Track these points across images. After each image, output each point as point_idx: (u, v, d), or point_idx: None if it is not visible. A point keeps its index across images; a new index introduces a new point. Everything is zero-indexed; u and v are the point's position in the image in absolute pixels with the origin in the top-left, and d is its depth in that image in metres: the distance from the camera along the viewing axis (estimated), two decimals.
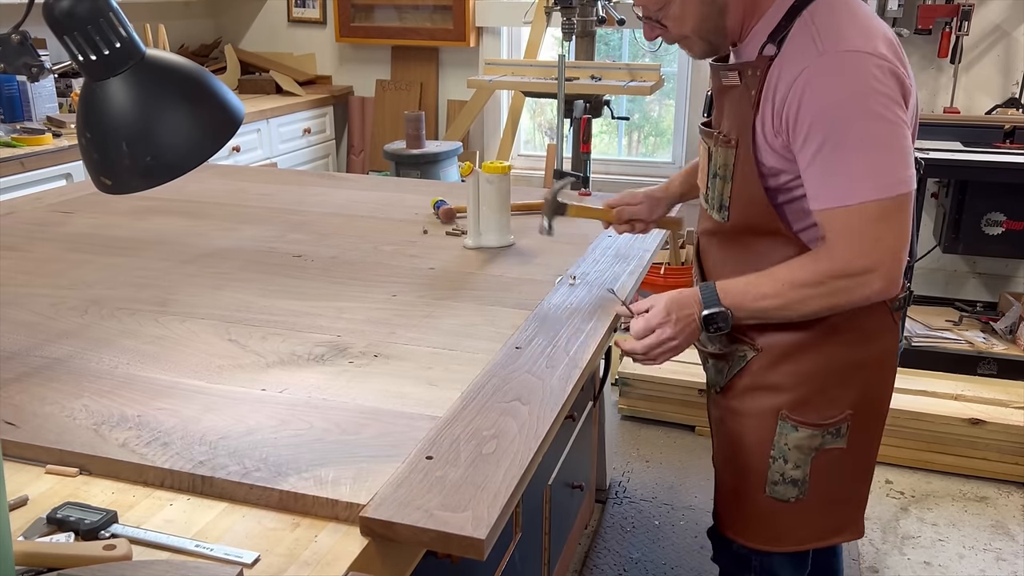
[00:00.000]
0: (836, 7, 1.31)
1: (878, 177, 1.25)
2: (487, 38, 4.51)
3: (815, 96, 1.25)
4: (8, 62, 1.08)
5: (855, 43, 1.26)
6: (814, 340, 1.43)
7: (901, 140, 1.26)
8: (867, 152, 1.24)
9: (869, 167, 1.25)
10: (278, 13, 4.87)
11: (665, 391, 3.13)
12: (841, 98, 1.24)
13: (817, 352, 1.44)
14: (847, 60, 1.24)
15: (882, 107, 1.24)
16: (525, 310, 1.51)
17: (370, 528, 0.93)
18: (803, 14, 1.31)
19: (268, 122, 4.20)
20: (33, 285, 1.64)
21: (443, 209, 2.08)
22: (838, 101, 1.24)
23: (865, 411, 1.48)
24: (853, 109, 1.24)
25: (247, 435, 1.09)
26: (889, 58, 1.26)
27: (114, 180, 1.05)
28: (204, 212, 2.16)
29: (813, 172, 1.29)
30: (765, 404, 1.49)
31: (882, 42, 1.28)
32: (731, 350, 1.51)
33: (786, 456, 1.48)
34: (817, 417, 1.46)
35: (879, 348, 1.46)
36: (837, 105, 1.24)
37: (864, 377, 1.46)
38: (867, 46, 1.25)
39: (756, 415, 1.50)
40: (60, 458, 1.05)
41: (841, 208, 1.27)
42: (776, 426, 1.48)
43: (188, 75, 1.07)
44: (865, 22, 1.30)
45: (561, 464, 1.92)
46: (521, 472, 1.02)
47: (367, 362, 1.32)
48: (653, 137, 4.68)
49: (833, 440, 1.47)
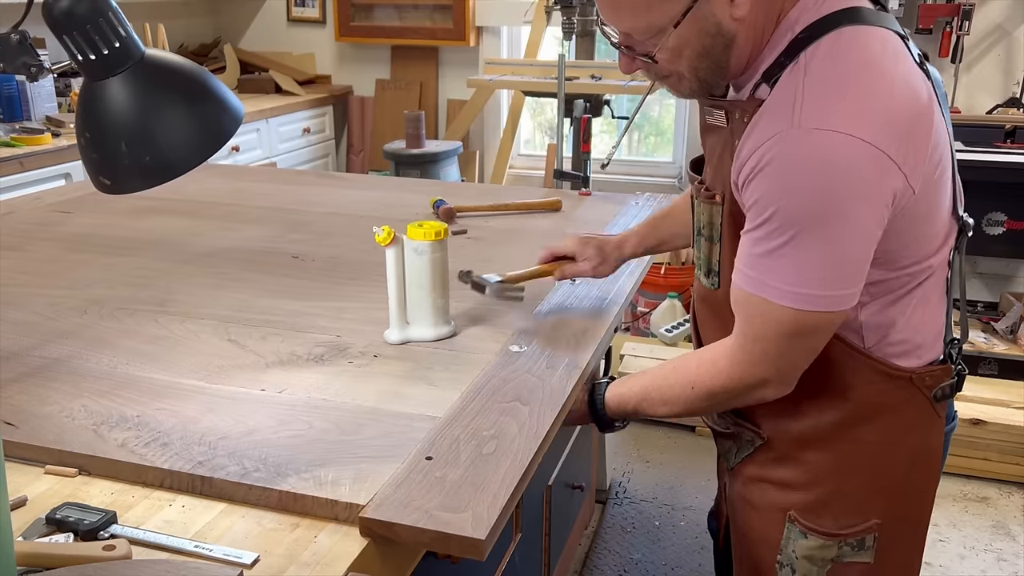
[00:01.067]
0: (844, 55, 1.03)
1: (808, 286, 1.03)
2: (487, 37, 4.51)
3: (772, 174, 1.02)
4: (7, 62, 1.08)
5: (836, 119, 0.99)
6: (832, 432, 1.19)
7: (855, 249, 1.03)
8: (807, 255, 1.02)
9: (803, 273, 1.03)
10: (277, 12, 4.87)
11: None
12: (798, 186, 1.00)
13: (836, 446, 1.20)
14: (819, 142, 0.98)
15: (847, 205, 1.00)
16: (525, 310, 1.51)
17: (370, 528, 0.92)
18: (801, 56, 1.04)
19: (268, 122, 4.20)
20: (32, 285, 1.64)
21: (443, 209, 2.08)
22: (794, 188, 1.00)
23: (898, 521, 1.22)
24: (808, 205, 1.00)
25: (246, 435, 1.09)
26: (881, 144, 0.98)
27: (113, 180, 1.05)
28: (203, 212, 2.16)
29: (746, 243, 1.08)
30: (773, 500, 1.26)
31: (883, 119, 0.99)
32: (736, 431, 1.30)
33: (794, 565, 1.24)
34: (833, 524, 1.21)
35: (916, 445, 1.20)
36: (791, 192, 1.01)
37: (896, 480, 1.20)
38: (853, 125, 0.98)
39: (764, 510, 1.28)
40: (59, 458, 1.05)
41: (758, 298, 1.07)
42: (784, 528, 1.25)
43: (187, 75, 1.07)
44: (873, 85, 1.01)
45: (561, 464, 1.92)
46: (521, 472, 1.02)
47: (367, 362, 1.31)
48: (653, 137, 4.68)
49: (855, 553, 1.21)
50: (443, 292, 1.40)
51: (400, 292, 1.39)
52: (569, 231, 1.99)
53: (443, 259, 1.39)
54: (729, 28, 1.07)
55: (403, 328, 1.40)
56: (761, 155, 1.02)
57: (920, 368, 1.17)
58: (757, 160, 1.03)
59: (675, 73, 1.13)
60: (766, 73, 1.08)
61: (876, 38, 1.05)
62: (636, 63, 1.14)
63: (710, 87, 1.15)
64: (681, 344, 3.25)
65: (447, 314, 1.42)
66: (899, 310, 1.14)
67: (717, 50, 1.09)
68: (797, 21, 1.07)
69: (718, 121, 1.17)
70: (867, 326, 1.14)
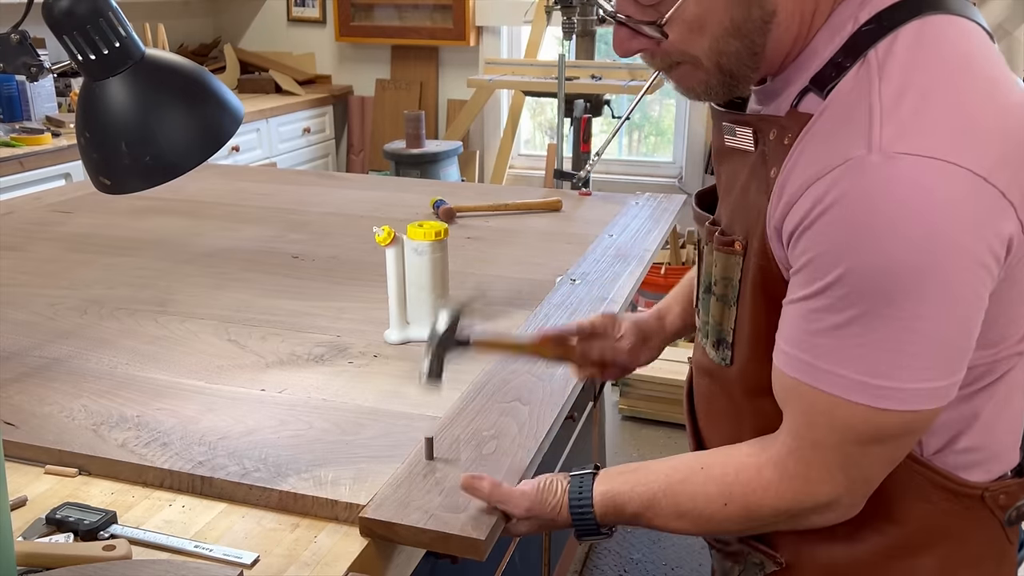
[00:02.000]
0: (935, 51, 0.77)
1: (891, 377, 0.75)
2: (487, 37, 4.51)
3: (841, 219, 0.74)
4: (7, 62, 1.08)
5: (935, 141, 0.72)
6: (875, 563, 0.90)
7: (959, 324, 0.75)
8: (892, 334, 0.74)
9: (884, 358, 0.75)
10: (277, 12, 4.87)
11: (666, 391, 3.12)
12: (880, 237, 0.72)
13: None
14: (912, 173, 0.71)
15: (950, 262, 0.72)
16: (525, 310, 1.51)
17: (370, 529, 0.92)
18: (871, 54, 0.78)
19: (268, 122, 4.20)
20: (32, 285, 1.64)
21: (443, 208, 2.08)
22: (874, 240, 0.72)
23: None
24: (894, 263, 0.72)
25: (246, 435, 1.09)
26: (998, 178, 0.72)
27: (113, 180, 1.05)
28: (203, 212, 2.16)
29: (797, 315, 0.80)
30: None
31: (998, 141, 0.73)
32: (740, 549, 1.00)
33: None
34: None
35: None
36: (869, 245, 0.72)
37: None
38: (958, 149, 0.72)
39: None
40: (59, 458, 1.05)
41: (817, 392, 0.79)
42: None
43: (187, 75, 1.07)
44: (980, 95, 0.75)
45: (561, 465, 1.92)
46: (521, 472, 1.02)
47: (367, 362, 1.31)
48: (653, 137, 4.68)
49: None
50: (443, 292, 1.40)
51: (400, 292, 1.38)
52: (569, 231, 1.99)
53: (443, 259, 1.38)
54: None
55: (403, 328, 1.39)
56: (822, 192, 0.75)
57: (993, 483, 0.89)
58: (816, 199, 0.75)
59: (690, 58, 0.84)
60: (817, 77, 0.81)
61: (969, 33, 0.79)
62: (637, 41, 0.84)
63: (735, 83, 0.85)
64: (682, 344, 3.25)
65: None
66: (975, 407, 0.86)
67: (753, 27, 0.80)
68: (863, 6, 0.80)
69: (742, 143, 0.88)
70: (930, 430, 0.86)
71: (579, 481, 0.96)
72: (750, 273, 0.88)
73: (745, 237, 0.88)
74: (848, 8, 0.81)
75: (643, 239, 1.92)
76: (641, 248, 1.88)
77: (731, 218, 0.92)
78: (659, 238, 1.96)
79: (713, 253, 0.93)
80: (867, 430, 0.78)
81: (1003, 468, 0.90)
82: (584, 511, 0.94)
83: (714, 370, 0.98)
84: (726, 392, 0.97)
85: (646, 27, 0.82)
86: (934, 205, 0.71)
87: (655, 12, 0.81)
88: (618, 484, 0.94)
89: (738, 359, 0.93)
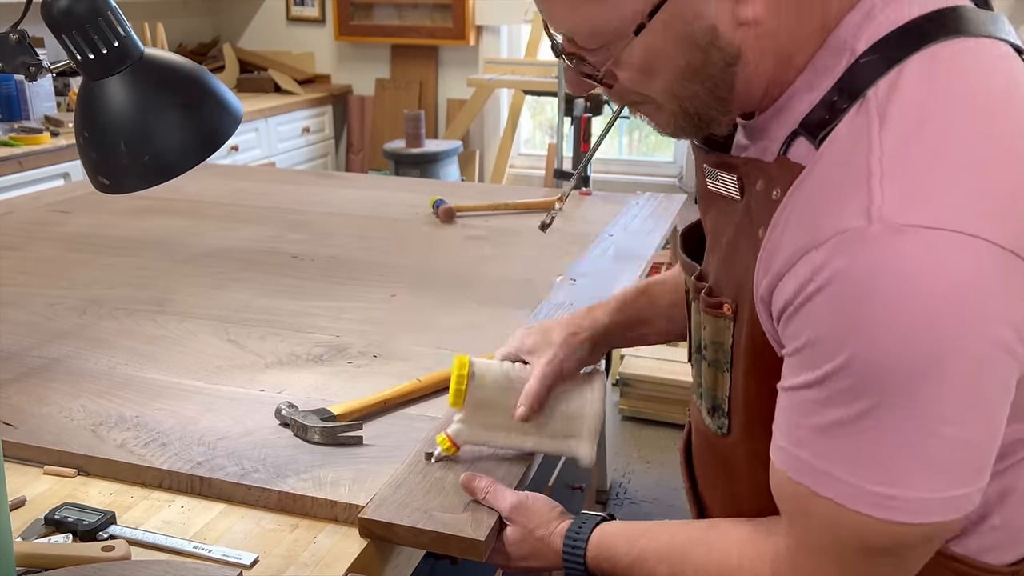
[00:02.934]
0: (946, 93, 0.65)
1: (903, 486, 0.65)
2: (487, 36, 4.51)
3: (838, 302, 0.63)
4: (6, 61, 1.07)
5: (945, 209, 0.61)
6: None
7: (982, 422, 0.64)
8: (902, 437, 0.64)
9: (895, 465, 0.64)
10: (277, 11, 4.87)
11: (666, 392, 3.12)
12: (886, 325, 0.61)
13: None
14: (920, 250, 0.60)
15: (969, 351, 0.61)
16: (525, 310, 1.51)
17: (369, 529, 0.92)
18: (870, 94, 0.66)
19: (267, 121, 4.19)
20: (31, 285, 1.63)
21: (443, 208, 2.08)
22: (879, 328, 0.62)
23: None
24: (904, 354, 0.61)
25: (246, 436, 1.09)
26: (1017, 246, 0.61)
27: (112, 179, 1.05)
28: (203, 212, 2.16)
29: (792, 405, 0.70)
30: None
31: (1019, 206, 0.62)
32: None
33: None
34: None
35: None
36: (873, 334, 0.62)
37: None
38: (973, 218, 0.61)
39: None
40: (58, 459, 1.05)
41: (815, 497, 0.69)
42: None
43: (187, 74, 1.07)
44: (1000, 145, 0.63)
45: (561, 465, 1.92)
46: (521, 473, 1.02)
47: (367, 362, 1.31)
48: (654, 136, 4.68)
49: None
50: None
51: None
52: (570, 230, 1.99)
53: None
54: (731, 39, 0.69)
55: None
56: (814, 268, 0.64)
57: (1016, 563, 0.78)
58: (807, 276, 0.64)
59: (649, 99, 0.76)
60: (807, 120, 0.70)
61: (992, 60, 0.67)
62: (588, 82, 0.76)
63: (705, 124, 0.76)
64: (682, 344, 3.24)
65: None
66: (1007, 484, 0.75)
67: (714, 70, 0.71)
68: (857, 33, 0.68)
69: (726, 189, 0.78)
70: None
71: (583, 520, 0.92)
72: (742, 340, 0.78)
73: (734, 300, 0.78)
74: (842, 34, 0.69)
75: (643, 239, 1.92)
76: (641, 248, 1.87)
77: (718, 276, 0.82)
78: (659, 238, 1.96)
79: (700, 313, 0.84)
80: (878, 542, 0.67)
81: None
82: (577, 548, 0.90)
83: (712, 438, 0.89)
84: (725, 460, 0.88)
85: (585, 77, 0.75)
86: (951, 286, 0.60)
87: (605, 53, 0.72)
88: (618, 534, 0.89)
89: (737, 429, 0.84)
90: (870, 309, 0.61)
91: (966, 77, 0.65)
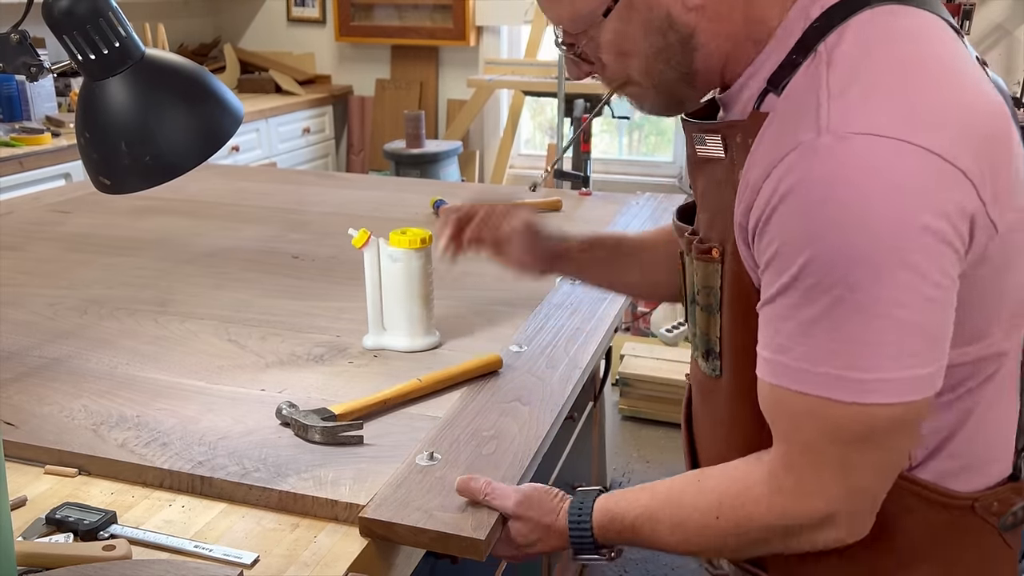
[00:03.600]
0: (883, 40, 0.76)
1: (872, 368, 0.73)
2: (487, 37, 4.51)
3: (797, 206, 0.73)
4: (7, 61, 1.08)
5: (885, 119, 0.71)
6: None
7: (934, 304, 0.73)
8: (865, 321, 0.72)
9: (861, 348, 0.73)
10: (277, 12, 4.87)
11: (666, 391, 3.12)
12: (839, 221, 0.71)
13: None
14: (864, 152, 0.70)
15: (915, 240, 0.70)
16: (525, 310, 1.51)
17: (369, 529, 0.92)
18: (820, 46, 0.77)
19: (267, 121, 4.19)
20: (32, 285, 1.64)
21: (443, 208, 2.07)
22: (833, 224, 0.71)
23: None
24: (857, 246, 0.70)
25: (246, 435, 1.09)
26: (956, 157, 0.71)
27: (113, 180, 1.05)
28: (203, 212, 2.16)
29: (771, 316, 0.78)
30: None
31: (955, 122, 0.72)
32: (730, 572, 1.00)
33: None
34: None
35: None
36: (828, 230, 0.71)
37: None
38: (910, 126, 0.71)
39: None
40: (59, 458, 1.05)
41: (798, 395, 0.76)
42: None
43: (187, 74, 1.07)
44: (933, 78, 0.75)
45: (561, 465, 1.92)
46: (521, 473, 1.02)
47: (367, 362, 1.31)
48: (653, 136, 4.68)
49: None
50: (422, 303, 1.33)
51: (376, 297, 1.35)
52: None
53: (422, 268, 1.32)
54: (684, 21, 0.82)
55: (379, 335, 1.36)
56: (776, 180, 0.74)
57: (984, 491, 0.86)
58: (771, 190, 0.74)
59: (632, 80, 0.88)
60: (773, 77, 0.81)
61: (926, 22, 0.79)
62: (583, 67, 0.90)
63: (678, 102, 0.90)
64: (682, 344, 3.25)
65: (428, 324, 1.35)
66: (961, 412, 0.83)
67: (674, 51, 0.83)
68: (811, 6, 0.80)
69: (713, 151, 0.87)
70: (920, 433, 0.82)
71: (582, 496, 0.95)
72: (729, 279, 0.87)
73: (721, 244, 0.87)
74: (799, 11, 0.81)
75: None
76: None
77: (708, 226, 0.90)
78: None
79: (693, 263, 0.92)
80: (856, 428, 0.75)
81: (995, 474, 0.87)
82: (582, 522, 0.93)
83: (706, 382, 0.96)
84: (718, 403, 0.95)
85: (571, 57, 0.89)
86: (889, 185, 0.70)
87: (587, 38, 0.86)
88: (619, 498, 0.93)
89: (727, 369, 0.91)
90: (822, 212, 0.71)
91: (897, 30, 0.77)
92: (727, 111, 0.89)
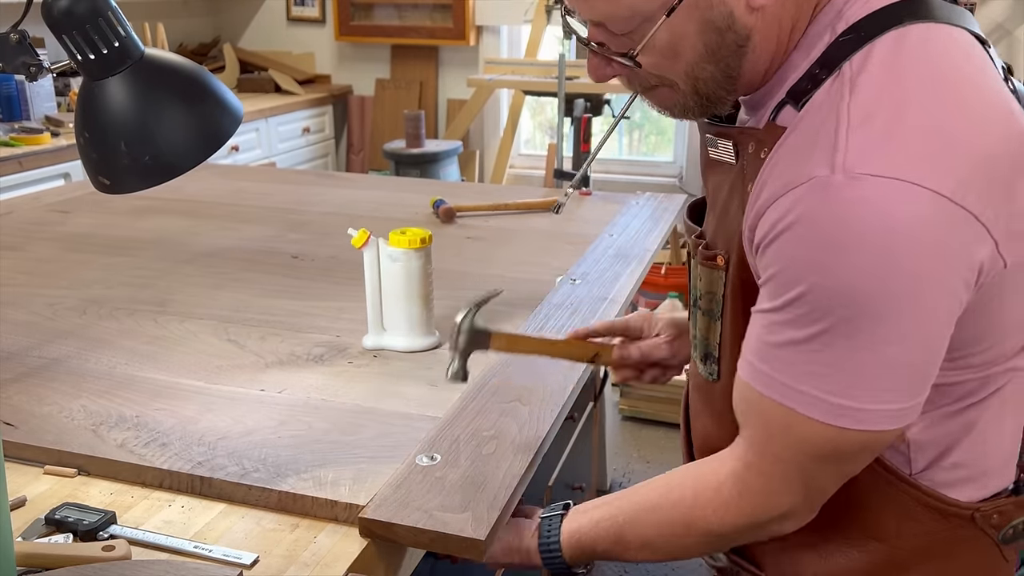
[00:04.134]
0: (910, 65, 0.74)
1: (850, 396, 0.74)
2: (487, 37, 4.51)
3: (801, 237, 0.73)
4: (6, 61, 1.08)
5: (899, 161, 0.70)
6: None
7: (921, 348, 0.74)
8: (850, 354, 0.73)
9: (843, 377, 0.74)
10: (277, 12, 4.87)
11: (666, 391, 3.12)
12: (839, 260, 0.71)
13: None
14: (874, 196, 0.69)
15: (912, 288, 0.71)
16: (525, 310, 1.51)
17: (369, 529, 0.92)
18: (845, 67, 0.76)
19: (267, 121, 4.19)
20: (31, 285, 1.63)
21: (443, 208, 2.08)
22: (833, 262, 0.71)
23: None
24: (854, 286, 0.71)
25: (246, 435, 1.09)
26: (966, 199, 0.69)
27: (112, 180, 1.05)
28: (203, 212, 2.16)
29: (759, 325, 0.80)
30: None
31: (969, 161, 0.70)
32: (728, 566, 1.01)
33: None
34: None
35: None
36: (828, 266, 0.71)
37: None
38: (924, 170, 0.69)
39: None
40: (58, 459, 1.05)
41: (775, 405, 0.78)
42: None
43: (187, 74, 1.07)
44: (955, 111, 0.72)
45: (561, 465, 1.92)
46: (521, 473, 1.02)
47: (367, 362, 1.31)
48: (654, 136, 4.68)
49: None
50: (422, 303, 1.33)
51: (376, 297, 1.35)
52: (570, 231, 1.99)
53: (422, 268, 1.32)
54: (744, 23, 0.78)
55: (379, 335, 1.36)
56: (785, 208, 0.74)
57: (984, 501, 0.87)
58: (779, 215, 0.74)
59: (667, 82, 0.84)
60: (793, 90, 0.79)
61: (954, 42, 0.77)
62: (612, 68, 0.85)
63: (712, 104, 0.85)
64: None
65: (428, 324, 1.35)
66: (964, 425, 0.84)
67: (727, 52, 0.80)
68: (840, 16, 0.78)
69: (724, 155, 0.87)
70: (917, 445, 0.84)
71: (548, 523, 0.98)
72: (732, 288, 0.88)
73: (726, 252, 0.87)
74: (826, 17, 0.79)
75: (643, 239, 1.92)
76: (641, 248, 1.88)
77: (714, 232, 0.91)
78: (659, 238, 1.96)
79: (698, 267, 0.93)
80: (825, 447, 0.77)
81: (997, 486, 0.88)
82: (553, 553, 0.96)
83: (703, 385, 0.98)
84: (714, 406, 0.96)
85: (617, 58, 0.83)
86: (899, 228, 0.69)
87: (628, 40, 0.81)
88: (585, 522, 0.96)
89: (724, 374, 0.92)
90: (824, 249, 0.71)
91: (928, 52, 0.75)
92: (751, 113, 0.88)
